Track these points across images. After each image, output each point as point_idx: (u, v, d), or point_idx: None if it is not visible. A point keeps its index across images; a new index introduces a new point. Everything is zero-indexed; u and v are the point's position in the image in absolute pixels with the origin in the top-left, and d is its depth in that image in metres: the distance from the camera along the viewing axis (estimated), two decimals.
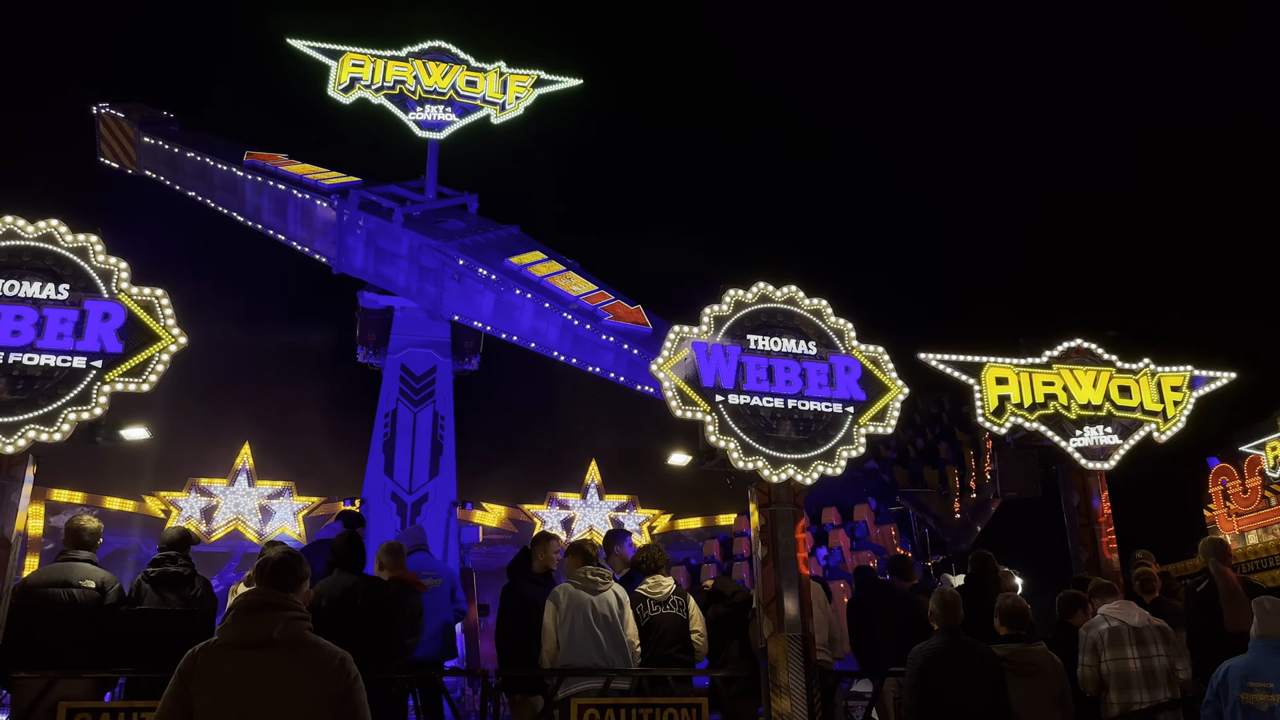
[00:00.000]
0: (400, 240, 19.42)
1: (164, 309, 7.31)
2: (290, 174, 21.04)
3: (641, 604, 7.69)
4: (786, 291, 8.76)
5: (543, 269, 19.16)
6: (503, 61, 20.59)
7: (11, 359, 6.86)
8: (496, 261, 18.99)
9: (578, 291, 18.65)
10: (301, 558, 4.03)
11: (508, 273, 18.72)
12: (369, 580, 7.33)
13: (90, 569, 6.93)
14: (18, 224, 7.29)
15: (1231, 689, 5.87)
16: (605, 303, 18.47)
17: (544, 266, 19.25)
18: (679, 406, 8.12)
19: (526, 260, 19.27)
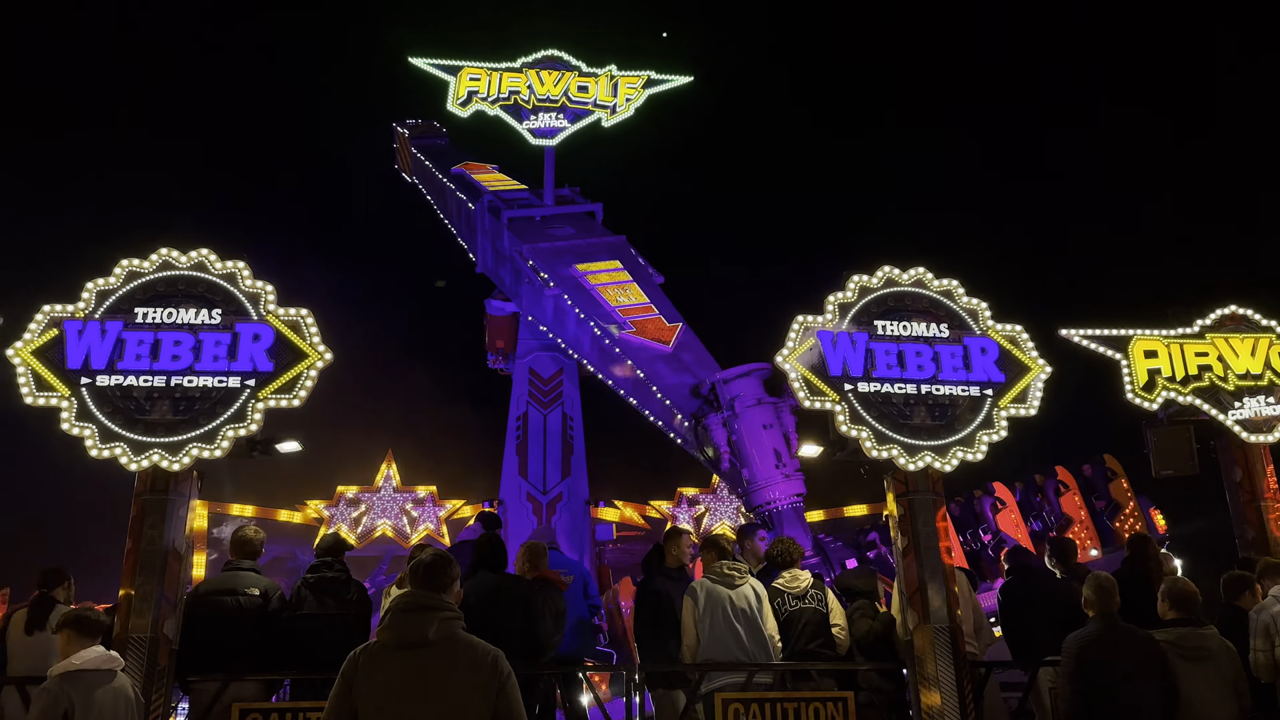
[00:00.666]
0: (504, 242, 19.94)
1: (309, 328, 7.68)
2: (474, 181, 21.93)
3: (779, 598, 7.63)
4: (914, 274, 8.54)
5: (604, 278, 19.22)
6: (614, 65, 20.75)
7: (173, 382, 7.33)
8: (561, 268, 19.29)
9: (619, 303, 18.68)
10: (451, 559, 4.15)
11: (562, 279, 19.02)
12: (514, 579, 7.52)
13: (254, 577, 7.34)
14: (172, 254, 7.78)
15: None
16: (637, 316, 18.42)
17: (607, 275, 19.30)
18: (806, 397, 8.02)
19: (593, 268, 19.41)
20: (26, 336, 7.33)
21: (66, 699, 5.19)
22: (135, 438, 7.16)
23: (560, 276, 18.94)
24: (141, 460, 7.13)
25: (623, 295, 18.56)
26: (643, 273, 19.38)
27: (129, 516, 7.22)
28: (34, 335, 7.35)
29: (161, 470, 7.17)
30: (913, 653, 7.51)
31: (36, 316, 7.41)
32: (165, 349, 7.39)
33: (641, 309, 18.29)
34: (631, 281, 19.00)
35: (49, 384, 7.23)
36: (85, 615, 5.61)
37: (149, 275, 7.66)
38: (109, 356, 7.30)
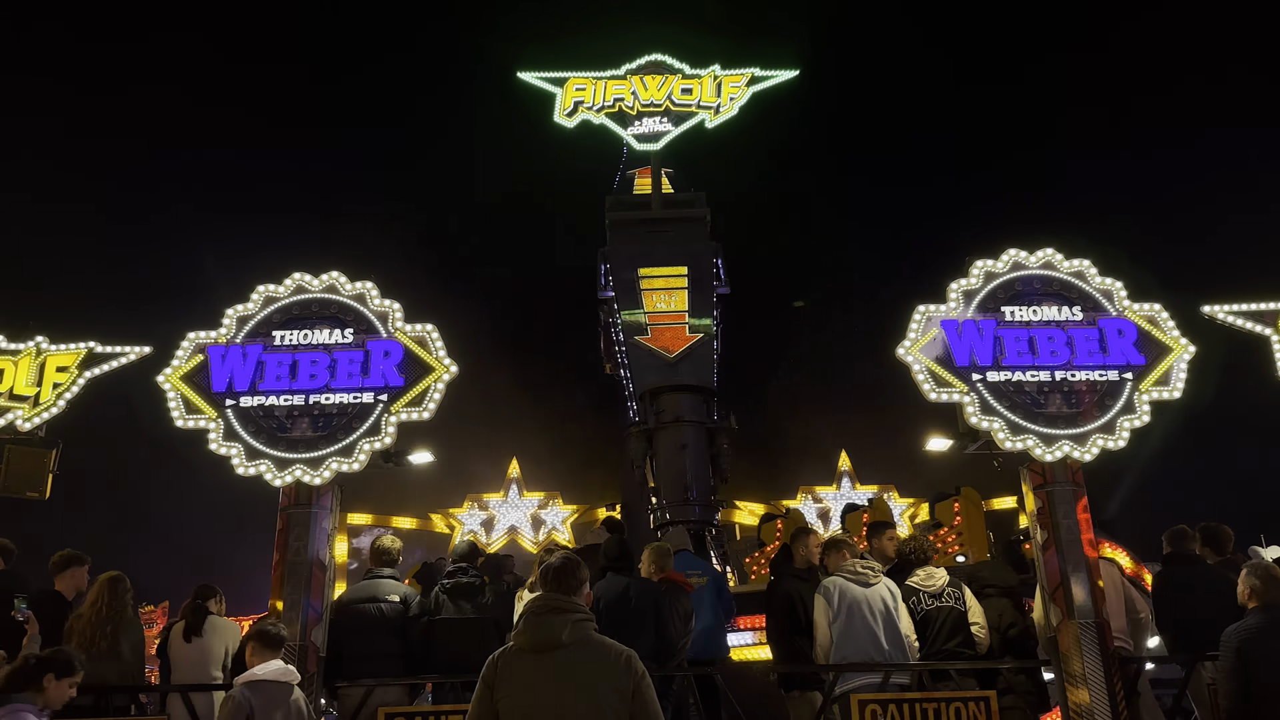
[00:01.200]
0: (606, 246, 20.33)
1: (435, 342, 7.92)
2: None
3: (914, 597, 7.44)
4: (1042, 255, 8.22)
5: (659, 282, 19.34)
6: (717, 65, 20.71)
7: (312, 400, 7.67)
8: (627, 271, 19.50)
9: (655, 308, 18.78)
10: (580, 561, 4.21)
11: (621, 281, 19.21)
12: (641, 581, 7.57)
13: (394, 584, 7.61)
14: (304, 278, 8.14)
15: None
16: (662, 324, 18.46)
17: (663, 280, 19.40)
18: (932, 389, 7.81)
19: (655, 273, 19.63)
20: (175, 363, 7.77)
21: (248, 704, 5.63)
22: (278, 455, 7.51)
23: (621, 280, 19.21)
24: (285, 476, 7.47)
25: (663, 301, 18.79)
26: (706, 281, 19.47)
27: (274, 530, 7.57)
28: (181, 361, 7.79)
29: (304, 485, 7.50)
30: (1057, 650, 7.23)
31: (183, 343, 7.85)
32: (303, 369, 7.73)
33: (672, 316, 18.47)
34: (683, 289, 19.16)
35: (197, 407, 7.65)
36: (267, 630, 6.09)
37: (285, 299, 8.03)
38: (251, 378, 7.68)
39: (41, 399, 8.99)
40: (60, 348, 9.20)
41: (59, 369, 9.05)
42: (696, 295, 19.10)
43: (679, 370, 17.55)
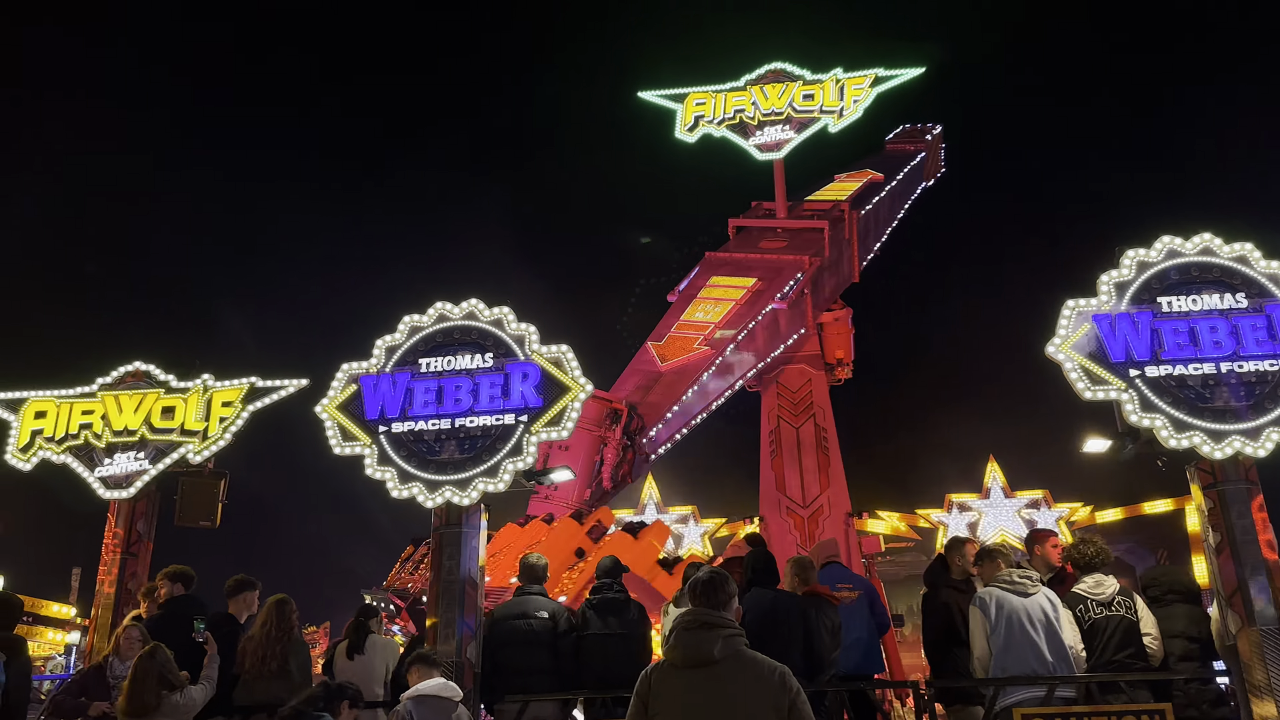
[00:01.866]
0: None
1: (570, 362, 8.08)
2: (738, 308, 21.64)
3: (1081, 605, 7.08)
4: (1199, 242, 7.76)
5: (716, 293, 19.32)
6: (839, 68, 20.45)
7: (458, 424, 7.94)
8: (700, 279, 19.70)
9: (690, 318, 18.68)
10: (727, 576, 4.19)
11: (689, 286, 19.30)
12: (787, 595, 7.47)
13: (543, 600, 7.75)
14: (445, 307, 8.45)
15: None
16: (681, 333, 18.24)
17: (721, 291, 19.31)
18: (1086, 388, 7.47)
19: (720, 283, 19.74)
20: (331, 393, 8.18)
21: (410, 717, 6.01)
22: (429, 477, 7.79)
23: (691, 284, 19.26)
24: (435, 497, 7.75)
25: (701, 311, 18.61)
26: (766, 297, 19.20)
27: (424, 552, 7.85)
28: (336, 391, 8.19)
29: (454, 505, 7.76)
30: (1237, 659, 6.76)
31: (337, 375, 8.25)
32: (448, 394, 8.01)
33: (696, 326, 18.19)
34: (729, 301, 18.90)
35: (352, 434, 8.02)
36: (427, 654, 6.68)
37: (428, 328, 8.35)
38: (401, 405, 8.01)
39: (209, 433, 9.61)
40: (225, 384, 9.83)
41: (224, 404, 9.68)
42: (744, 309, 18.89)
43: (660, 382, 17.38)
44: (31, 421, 9.80)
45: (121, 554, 9.64)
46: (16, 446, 9.77)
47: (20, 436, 9.78)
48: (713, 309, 18.82)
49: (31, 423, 9.80)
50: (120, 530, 9.69)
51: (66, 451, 9.71)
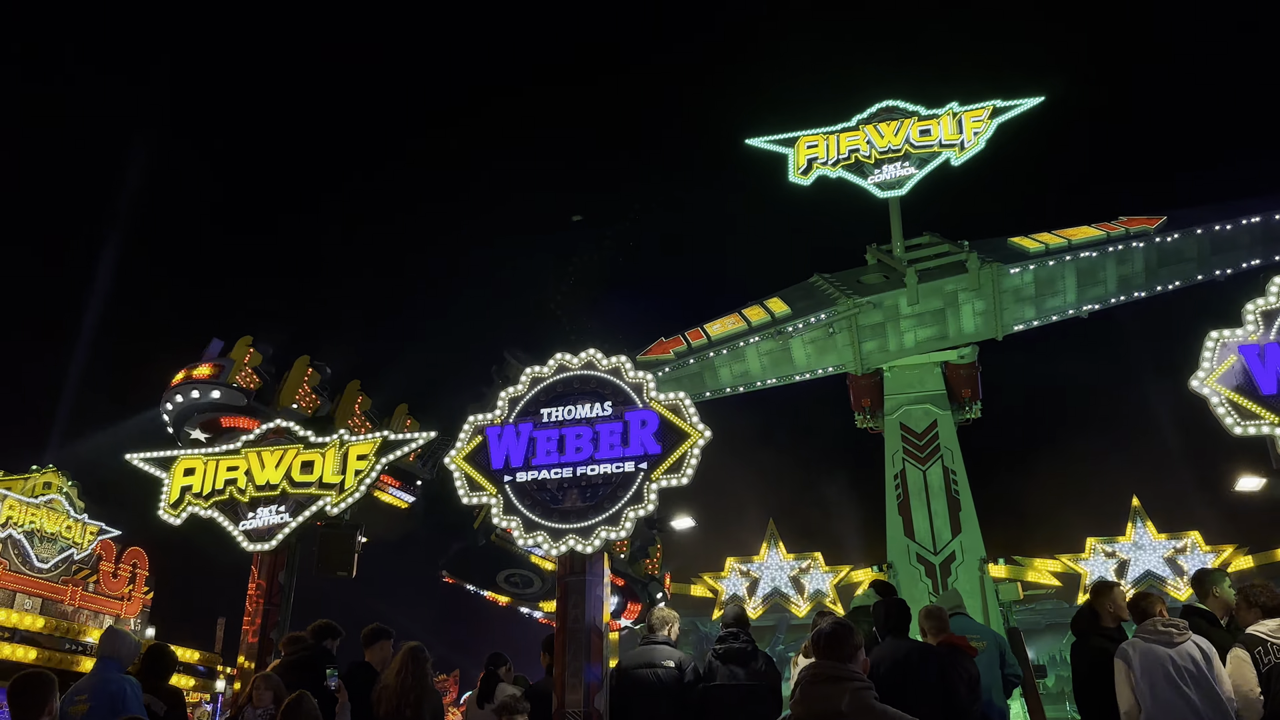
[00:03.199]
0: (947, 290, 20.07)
1: (688, 410, 8.11)
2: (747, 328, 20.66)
3: (1260, 648, 6.59)
4: None
5: (1059, 236, 19.54)
6: (955, 102, 20.13)
7: (579, 472, 8.05)
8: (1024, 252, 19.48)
9: (1103, 232, 19.14)
10: (852, 627, 4.10)
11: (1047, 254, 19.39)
12: (921, 646, 7.23)
13: (669, 650, 7.72)
14: (565, 358, 8.62)
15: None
16: (1135, 224, 18.99)
17: (1058, 234, 19.60)
18: (1236, 423, 7.06)
19: (1039, 239, 19.60)
20: (459, 445, 8.43)
21: None
22: (553, 525, 7.91)
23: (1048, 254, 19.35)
24: (560, 546, 7.85)
25: (1086, 233, 19.46)
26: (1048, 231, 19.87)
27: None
28: (464, 443, 8.43)
29: (577, 553, 7.85)
30: None
31: (464, 426, 8.50)
32: (569, 443, 8.15)
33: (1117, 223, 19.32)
34: (1065, 229, 19.63)
35: (479, 484, 8.22)
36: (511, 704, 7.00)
37: (549, 379, 8.54)
38: (524, 454, 8.19)
39: (346, 485, 10.02)
40: (359, 438, 10.24)
41: (359, 457, 10.08)
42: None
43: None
44: (181, 479, 10.42)
45: (264, 604, 10.09)
46: (168, 502, 10.40)
47: (171, 493, 10.40)
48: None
49: (181, 480, 10.42)
50: (263, 581, 10.16)
51: (213, 506, 10.27)
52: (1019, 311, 19.79)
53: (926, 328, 20.17)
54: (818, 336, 20.15)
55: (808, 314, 19.78)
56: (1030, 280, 19.33)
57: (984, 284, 19.12)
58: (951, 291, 19.41)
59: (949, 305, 19.64)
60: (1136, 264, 18.95)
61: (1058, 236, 19.44)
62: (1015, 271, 19.06)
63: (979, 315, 19.63)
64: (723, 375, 20.11)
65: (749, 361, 20.18)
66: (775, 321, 19.71)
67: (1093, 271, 19.16)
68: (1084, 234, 19.20)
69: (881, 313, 20.02)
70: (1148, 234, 18.60)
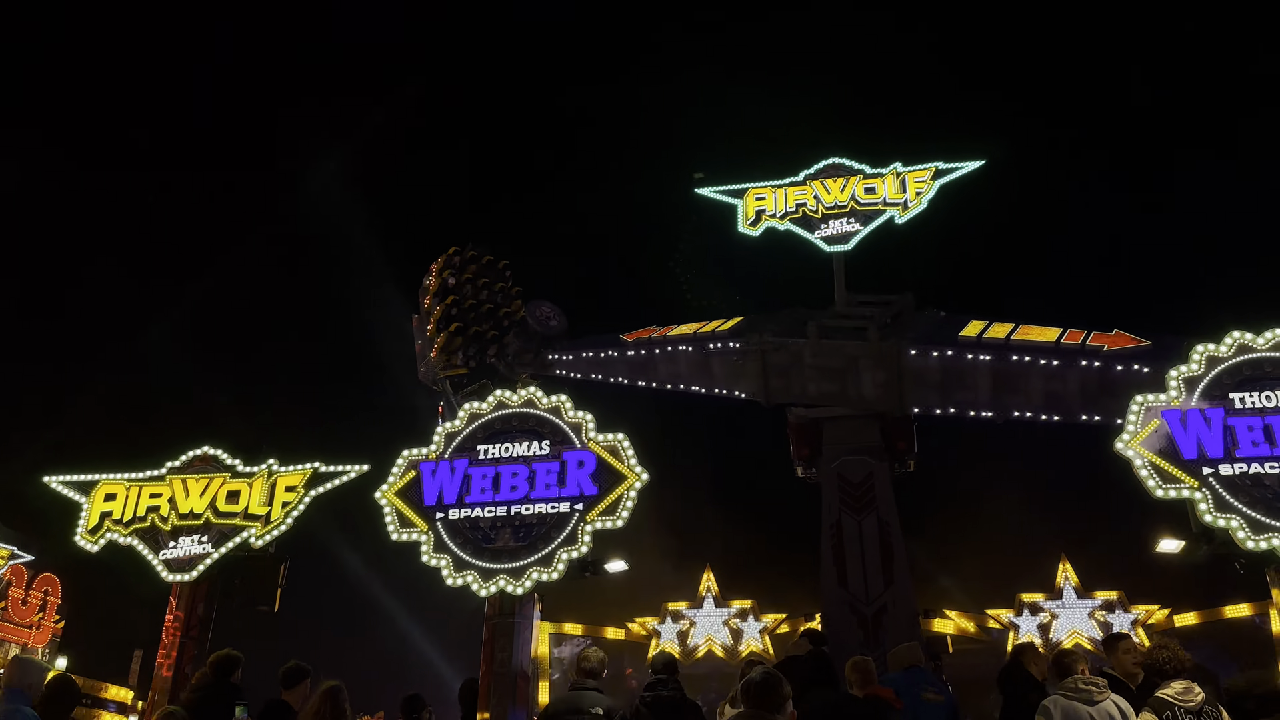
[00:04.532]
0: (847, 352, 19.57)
1: (626, 451, 8.09)
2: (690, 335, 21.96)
3: (1169, 711, 6.71)
4: (1271, 337, 7.57)
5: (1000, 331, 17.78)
6: (898, 162, 20.64)
7: (514, 511, 7.96)
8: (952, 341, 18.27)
9: (1051, 338, 17.15)
10: (782, 678, 4.09)
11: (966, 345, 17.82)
12: (849, 698, 7.24)
13: (598, 696, 7.58)
14: (505, 394, 8.57)
15: None
16: (1087, 337, 16.59)
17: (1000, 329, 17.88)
18: (1158, 485, 7.24)
19: (978, 329, 18.19)
20: (390, 479, 8.29)
21: None
22: (484, 565, 7.79)
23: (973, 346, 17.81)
24: (490, 586, 7.73)
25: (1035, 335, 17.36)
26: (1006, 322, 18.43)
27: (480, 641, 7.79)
28: (396, 477, 8.29)
29: (507, 595, 7.73)
30: None
31: (398, 460, 8.37)
32: (505, 481, 8.07)
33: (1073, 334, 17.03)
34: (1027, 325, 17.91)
35: (410, 520, 8.08)
36: None
37: (488, 415, 8.47)
38: (458, 492, 8.08)
39: (272, 517, 9.77)
40: (289, 469, 10.01)
41: (287, 489, 9.85)
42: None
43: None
44: (101, 504, 10.08)
45: (180, 637, 9.74)
46: (86, 528, 10.04)
47: (90, 518, 10.05)
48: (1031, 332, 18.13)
49: (101, 505, 10.08)
50: (180, 613, 9.82)
51: (133, 534, 9.93)
52: (922, 396, 18.69)
53: (829, 382, 20.16)
54: (729, 363, 20.68)
55: (726, 339, 20.38)
56: (936, 368, 18.13)
57: (886, 357, 18.32)
58: (853, 356, 18.88)
59: (849, 368, 19.39)
60: (1070, 384, 17.08)
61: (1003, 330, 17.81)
62: (914, 354, 18.10)
63: (879, 386, 19.07)
64: (661, 370, 21.86)
65: (679, 364, 21.55)
66: (698, 339, 20.98)
67: (1014, 380, 17.39)
68: (1035, 335, 17.36)
69: (789, 355, 20.16)
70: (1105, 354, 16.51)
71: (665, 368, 21.87)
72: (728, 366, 20.78)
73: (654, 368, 22.12)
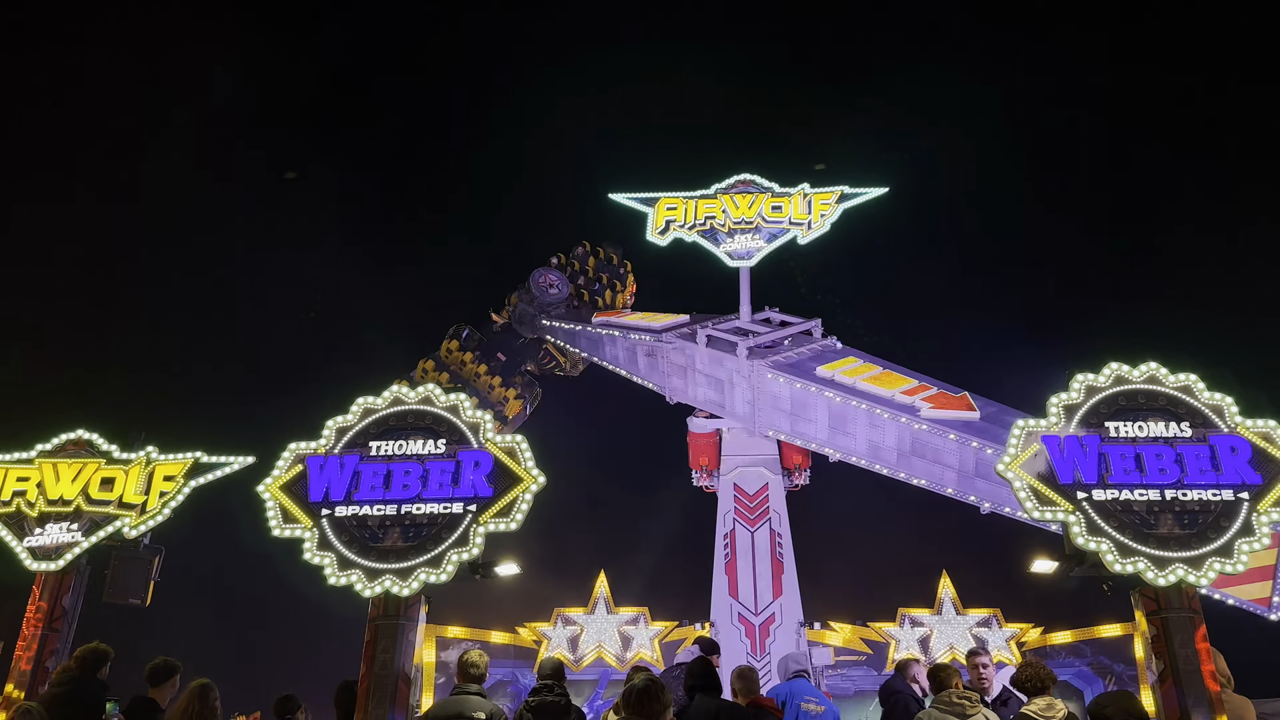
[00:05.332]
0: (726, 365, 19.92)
1: (524, 453, 8.01)
2: (633, 324, 22.69)
3: None
4: (1146, 370, 7.97)
5: (856, 372, 18.18)
6: (806, 183, 21.10)
7: (404, 510, 7.79)
8: (807, 373, 18.61)
9: (893, 388, 17.52)
10: (664, 685, 4.12)
11: (819, 382, 18.21)
12: (730, 706, 7.31)
13: (480, 701, 7.49)
14: (402, 391, 8.39)
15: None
16: (925, 394, 16.93)
17: (859, 370, 18.28)
18: (1035, 507, 7.53)
19: (838, 367, 18.60)
20: (275, 473, 8.03)
21: None
22: (369, 564, 7.60)
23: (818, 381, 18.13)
24: (375, 586, 7.54)
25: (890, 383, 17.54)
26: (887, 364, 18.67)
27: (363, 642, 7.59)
28: (281, 471, 8.03)
29: (393, 596, 7.55)
30: None
31: (284, 454, 8.12)
32: (396, 479, 7.89)
33: (921, 388, 17.22)
34: (885, 370, 18.14)
35: (294, 516, 7.84)
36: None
37: (382, 411, 8.28)
38: (347, 488, 7.86)
39: (148, 507, 9.37)
40: (169, 457, 9.63)
41: (166, 478, 9.47)
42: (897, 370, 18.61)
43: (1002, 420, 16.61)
44: None
45: (43, 629, 9.26)
46: None
47: None
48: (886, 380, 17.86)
49: None
50: (44, 604, 9.34)
51: None
52: (775, 419, 19.17)
53: (713, 391, 20.70)
54: (642, 354, 21.71)
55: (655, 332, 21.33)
56: (787, 395, 18.53)
57: (751, 376, 18.88)
58: (730, 369, 19.43)
59: (728, 380, 19.92)
60: (888, 437, 17.20)
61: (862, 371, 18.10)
62: (769, 378, 18.60)
63: (747, 403, 19.43)
64: (607, 352, 23.18)
65: (619, 349, 22.70)
66: (626, 327, 22.28)
67: (844, 420, 17.69)
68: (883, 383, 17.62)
69: (685, 358, 20.66)
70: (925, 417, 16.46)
71: (609, 349, 23.01)
72: (644, 358, 21.60)
73: (604, 348, 23.26)
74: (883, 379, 17.84)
